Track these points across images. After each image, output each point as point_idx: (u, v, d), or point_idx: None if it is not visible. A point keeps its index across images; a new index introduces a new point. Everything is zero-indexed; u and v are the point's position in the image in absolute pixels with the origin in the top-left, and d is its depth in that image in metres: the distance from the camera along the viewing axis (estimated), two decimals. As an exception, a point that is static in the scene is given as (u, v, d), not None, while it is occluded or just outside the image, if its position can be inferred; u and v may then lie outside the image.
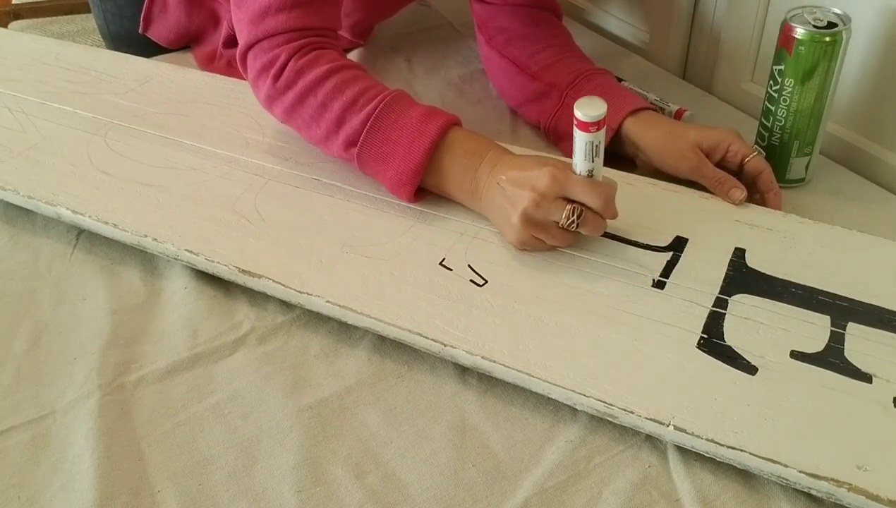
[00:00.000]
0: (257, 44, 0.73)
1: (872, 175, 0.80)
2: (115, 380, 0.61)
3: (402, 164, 0.69)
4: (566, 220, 0.63)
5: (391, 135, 0.69)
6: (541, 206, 0.63)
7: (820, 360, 0.58)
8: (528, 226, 0.64)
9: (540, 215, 0.64)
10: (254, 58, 0.73)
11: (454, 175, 0.69)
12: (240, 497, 0.53)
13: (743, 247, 0.68)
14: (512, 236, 0.66)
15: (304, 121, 0.72)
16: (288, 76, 0.71)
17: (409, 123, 0.69)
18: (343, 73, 0.71)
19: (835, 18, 0.70)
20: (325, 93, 0.70)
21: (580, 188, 0.63)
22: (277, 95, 0.73)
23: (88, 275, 0.71)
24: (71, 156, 0.80)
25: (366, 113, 0.69)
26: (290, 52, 0.71)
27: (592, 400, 0.56)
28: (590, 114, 0.60)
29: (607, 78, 0.83)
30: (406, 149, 0.68)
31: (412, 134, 0.68)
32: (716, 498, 0.53)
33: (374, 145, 0.69)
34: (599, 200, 0.63)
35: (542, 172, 0.63)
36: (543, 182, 0.63)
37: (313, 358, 0.63)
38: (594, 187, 0.63)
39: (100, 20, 1.07)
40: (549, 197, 0.63)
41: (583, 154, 0.62)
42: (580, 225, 0.64)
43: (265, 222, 0.71)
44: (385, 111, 0.69)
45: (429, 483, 0.54)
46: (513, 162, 0.66)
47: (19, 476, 0.55)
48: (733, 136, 0.74)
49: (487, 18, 0.90)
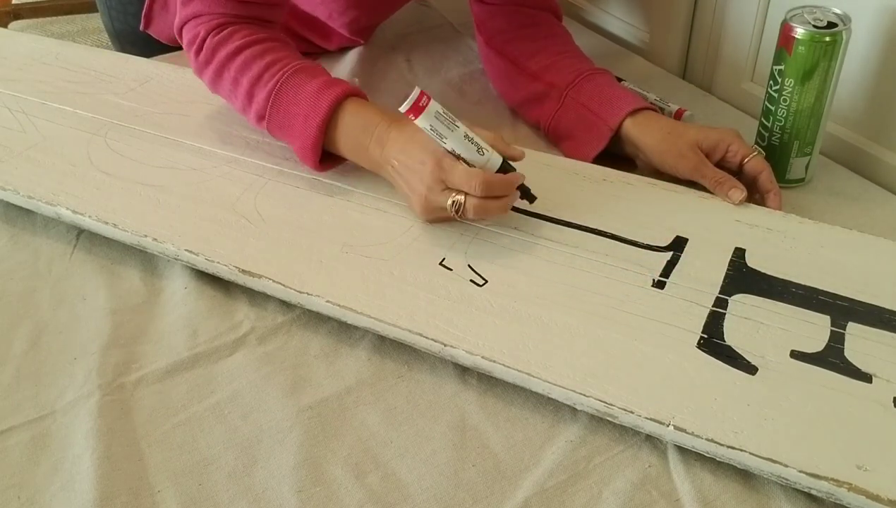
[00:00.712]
0: (186, 23, 0.77)
1: (872, 175, 0.80)
2: (115, 380, 0.61)
3: (301, 139, 0.72)
4: (451, 211, 0.66)
5: (290, 109, 0.72)
6: (429, 199, 0.66)
7: (820, 360, 0.58)
8: (428, 212, 0.68)
9: (433, 204, 0.67)
10: (182, 35, 0.78)
11: (351, 149, 0.72)
12: (240, 497, 0.53)
13: (743, 247, 0.68)
14: (420, 217, 0.70)
15: (226, 95, 0.77)
16: (206, 53, 0.76)
17: (304, 98, 0.72)
18: (253, 48, 0.74)
19: (835, 18, 0.70)
20: (235, 68, 0.74)
21: (456, 179, 0.65)
22: (200, 70, 0.78)
23: (88, 275, 0.71)
24: (71, 156, 0.80)
25: (269, 88, 0.73)
26: (207, 28, 0.76)
27: (592, 399, 0.56)
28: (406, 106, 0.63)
29: (607, 78, 0.83)
30: (303, 124, 0.71)
31: (308, 108, 0.71)
32: (716, 498, 0.53)
33: (279, 119, 0.73)
34: (478, 189, 0.64)
35: (424, 165, 0.65)
36: (425, 175, 0.65)
37: (313, 358, 0.63)
38: (470, 177, 0.64)
39: (105, 18, 1.08)
40: (434, 189, 0.65)
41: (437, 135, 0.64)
42: (465, 213, 0.65)
43: (265, 222, 0.71)
44: (285, 86, 0.72)
45: (429, 483, 0.54)
46: (398, 141, 0.68)
47: (19, 476, 0.55)
48: (733, 136, 0.74)
49: (486, 19, 0.90)
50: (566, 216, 0.71)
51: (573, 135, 0.81)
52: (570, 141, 0.82)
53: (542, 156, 0.80)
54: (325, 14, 0.98)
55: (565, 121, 0.81)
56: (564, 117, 0.81)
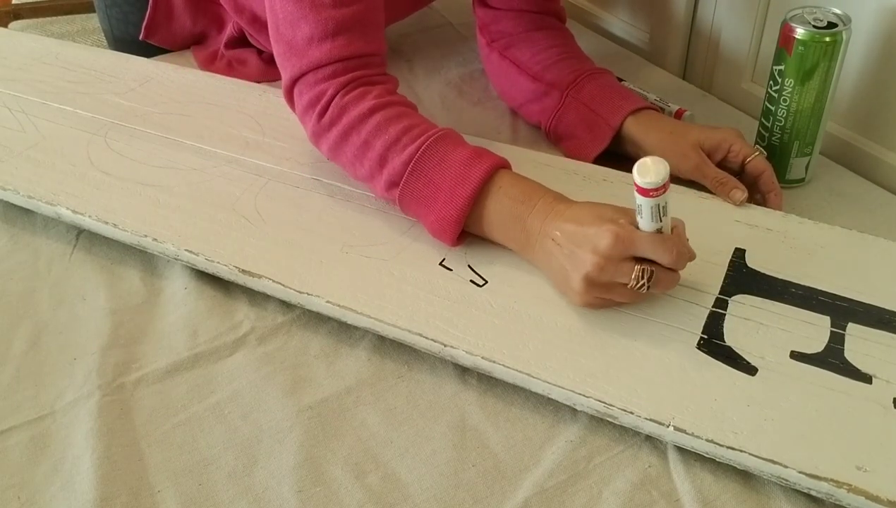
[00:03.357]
0: (303, 77, 0.69)
1: (872, 175, 0.80)
2: (115, 380, 0.61)
3: (443, 210, 0.65)
4: (636, 283, 0.57)
5: (434, 177, 0.65)
6: (605, 270, 0.58)
7: (820, 361, 0.58)
8: (592, 290, 0.59)
9: (605, 278, 0.58)
10: (300, 93, 0.70)
11: (500, 223, 0.65)
12: (240, 497, 0.53)
13: (743, 247, 0.68)
14: (574, 300, 0.61)
15: (349, 160, 0.69)
16: (333, 112, 0.68)
17: (452, 166, 0.65)
18: (388, 110, 0.68)
19: (835, 18, 0.70)
20: (368, 130, 0.67)
21: (648, 246, 0.57)
22: (322, 132, 0.70)
23: (88, 275, 0.71)
24: (71, 156, 0.80)
25: (408, 153, 0.66)
26: (336, 86, 0.68)
27: (592, 400, 0.56)
28: (648, 181, 0.54)
29: (608, 77, 0.83)
30: (448, 195, 0.64)
31: (455, 178, 0.64)
32: (716, 498, 0.53)
33: (416, 188, 0.66)
34: (670, 256, 0.57)
35: (603, 231, 0.57)
36: (605, 242, 0.57)
37: (313, 358, 0.63)
38: (663, 243, 0.57)
39: (105, 24, 1.08)
40: (614, 259, 0.57)
41: (649, 217, 0.56)
42: (652, 286, 0.58)
43: (265, 222, 0.71)
44: (428, 152, 0.65)
45: (429, 483, 0.54)
46: (567, 214, 0.61)
47: (19, 476, 0.55)
48: (735, 136, 0.74)
49: (490, 22, 0.90)
50: (566, 216, 0.71)
51: (574, 134, 0.81)
52: (572, 140, 0.81)
53: (542, 156, 0.80)
54: None
55: (566, 120, 0.81)
56: (565, 117, 0.81)
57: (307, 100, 0.70)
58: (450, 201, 0.64)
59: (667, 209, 0.57)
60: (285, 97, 0.72)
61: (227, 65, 0.98)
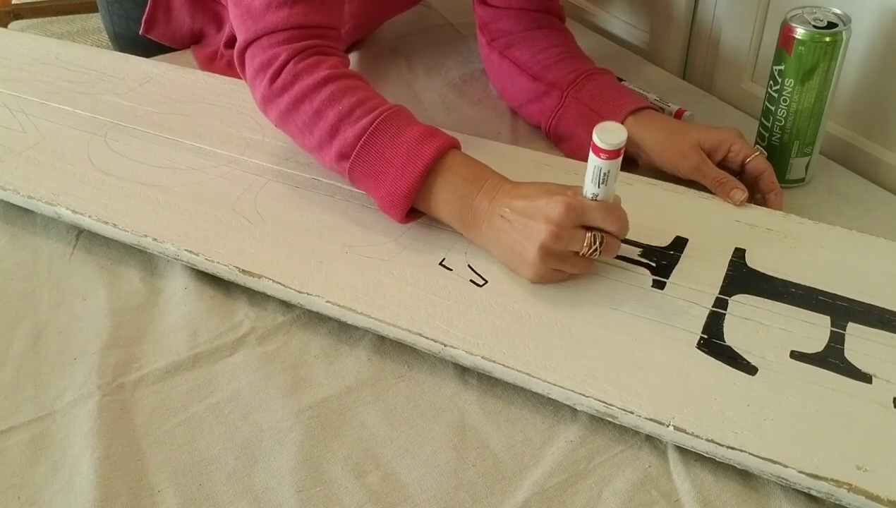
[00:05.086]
0: (256, 41, 0.70)
1: (872, 175, 0.80)
2: (115, 380, 0.61)
3: (393, 186, 0.66)
4: (588, 249, 0.60)
5: (385, 153, 0.66)
6: (560, 237, 0.60)
7: (820, 360, 0.58)
8: (546, 260, 0.61)
9: (560, 246, 0.60)
10: (252, 56, 0.70)
11: (448, 201, 0.66)
12: (240, 497, 0.53)
13: (743, 247, 0.68)
14: (528, 272, 0.63)
15: (298, 128, 0.69)
16: (285, 78, 0.68)
17: (404, 143, 0.66)
18: (342, 81, 0.68)
19: (835, 18, 0.70)
20: (321, 100, 0.67)
21: (598, 214, 0.60)
22: (273, 98, 0.70)
23: (88, 275, 0.71)
24: (71, 156, 0.80)
25: (361, 126, 0.66)
26: (290, 52, 0.69)
27: (592, 400, 0.56)
28: (606, 141, 0.57)
29: (609, 77, 0.83)
30: (399, 170, 0.65)
31: (407, 154, 0.65)
32: (716, 498, 0.53)
33: (367, 162, 0.66)
34: (617, 224, 0.61)
35: (555, 201, 0.60)
36: (558, 211, 0.59)
37: (313, 358, 0.63)
38: (611, 212, 0.60)
39: (106, 21, 1.08)
40: (567, 227, 0.59)
41: (590, 177, 0.59)
42: (602, 251, 0.61)
43: (265, 222, 0.71)
44: (381, 127, 0.66)
45: (429, 483, 0.54)
46: (514, 191, 0.63)
47: (19, 476, 0.55)
48: (735, 136, 0.74)
49: (490, 21, 0.90)
50: (566, 216, 0.71)
51: (574, 134, 0.81)
52: (572, 140, 0.82)
53: (542, 156, 0.80)
54: None
55: (566, 120, 0.81)
56: (566, 116, 0.81)
57: (258, 64, 0.70)
58: (401, 177, 0.65)
59: (609, 179, 0.59)
60: (236, 60, 0.72)
61: (227, 64, 0.98)
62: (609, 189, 0.60)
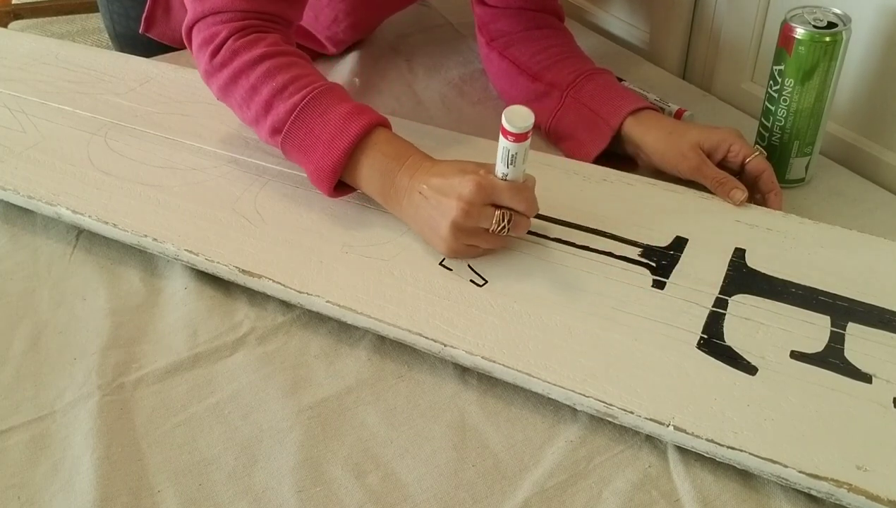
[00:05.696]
0: (202, 19, 0.73)
1: (872, 175, 0.80)
2: (115, 380, 0.61)
3: (321, 161, 0.68)
4: (497, 226, 0.63)
5: (314, 128, 0.68)
6: (470, 215, 0.63)
7: (820, 360, 0.58)
8: (458, 236, 0.64)
9: (470, 223, 0.63)
10: (197, 31, 0.73)
11: (371, 177, 0.68)
12: (240, 497, 0.53)
13: (743, 247, 0.68)
14: (441, 247, 0.66)
15: (237, 102, 0.72)
16: (224, 54, 0.71)
17: (333, 120, 0.68)
18: (278, 59, 0.71)
19: (835, 18, 0.70)
20: (256, 76, 0.70)
21: (506, 194, 0.63)
22: (213, 72, 0.73)
23: (88, 275, 0.71)
24: (71, 156, 0.80)
25: (293, 102, 0.69)
26: (230, 30, 0.71)
27: (592, 400, 0.56)
28: (513, 124, 0.60)
29: (608, 77, 0.83)
30: (326, 146, 0.68)
31: (334, 131, 0.68)
32: (716, 498, 0.53)
33: (298, 137, 0.69)
34: (525, 204, 0.63)
35: (466, 180, 0.62)
36: (468, 189, 0.62)
37: (313, 358, 0.63)
38: (518, 191, 0.63)
39: (107, 20, 1.08)
40: (476, 204, 0.62)
41: (500, 158, 0.62)
42: (511, 229, 0.64)
43: (265, 222, 0.71)
44: (311, 103, 0.69)
45: (429, 483, 0.54)
46: (433, 168, 0.66)
47: (19, 476, 0.55)
48: (735, 136, 0.74)
49: (489, 21, 0.90)
50: (566, 216, 0.71)
51: (574, 134, 0.81)
52: (571, 140, 0.81)
53: (542, 156, 0.80)
54: (330, 16, 0.98)
55: (566, 120, 0.81)
56: (565, 117, 0.81)
57: (201, 39, 0.73)
58: (327, 152, 0.68)
59: (517, 159, 0.62)
60: (184, 35, 0.75)
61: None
62: (518, 169, 0.62)
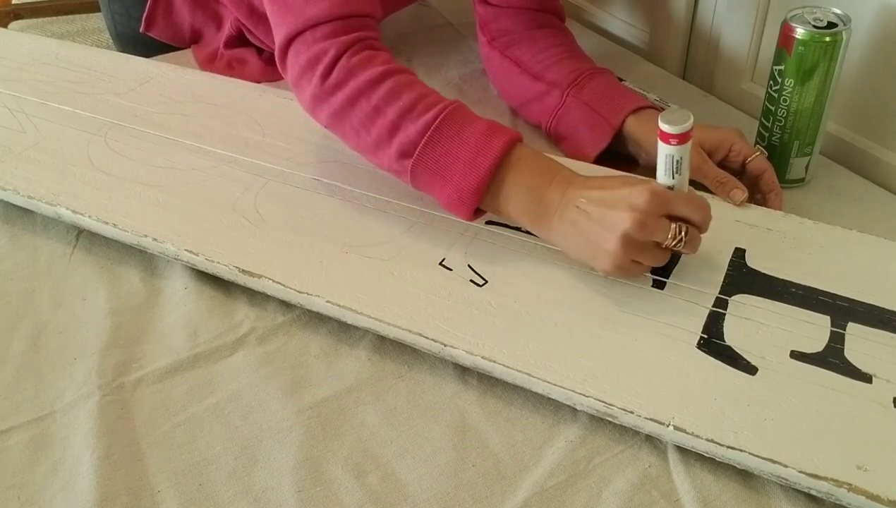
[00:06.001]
0: (299, 35, 0.66)
1: (872, 175, 0.80)
2: (115, 380, 0.61)
3: (463, 180, 0.63)
4: (672, 240, 0.58)
5: (451, 148, 0.63)
6: (645, 226, 0.57)
7: (820, 360, 0.58)
8: (628, 250, 0.58)
9: (643, 236, 0.58)
10: (296, 53, 0.66)
11: (518, 195, 0.63)
12: (240, 497, 0.53)
13: (743, 247, 0.68)
14: (607, 263, 0.60)
15: (353, 127, 0.66)
16: (338, 75, 0.65)
17: (471, 137, 0.63)
18: (400, 77, 0.66)
19: (835, 18, 0.70)
20: (379, 96, 0.64)
21: (684, 204, 0.58)
22: (325, 96, 0.66)
23: (88, 275, 0.71)
24: (71, 156, 0.80)
25: (424, 121, 0.63)
26: (339, 46, 0.65)
27: (592, 400, 0.56)
28: (674, 125, 0.56)
29: (609, 77, 0.83)
30: (468, 164, 0.62)
31: (475, 148, 0.62)
32: (716, 498, 0.53)
33: (432, 158, 0.63)
34: (702, 214, 0.59)
35: (639, 189, 0.57)
36: (643, 198, 0.57)
37: (313, 358, 0.63)
38: (696, 201, 0.59)
39: (108, 20, 1.08)
40: (653, 215, 0.57)
41: (663, 169, 0.58)
42: (686, 244, 0.59)
43: (265, 222, 0.71)
44: (446, 121, 0.63)
45: (429, 483, 0.54)
46: (590, 183, 0.61)
47: (19, 476, 0.55)
48: (736, 136, 0.74)
49: (491, 20, 0.90)
50: (566, 216, 0.71)
51: (575, 133, 0.81)
52: (572, 140, 0.81)
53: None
54: None
55: (567, 119, 0.81)
56: (566, 116, 0.81)
57: (305, 60, 0.66)
58: (470, 171, 0.62)
59: (684, 165, 0.57)
60: (278, 59, 0.69)
61: (227, 65, 0.98)
62: (683, 178, 0.58)
